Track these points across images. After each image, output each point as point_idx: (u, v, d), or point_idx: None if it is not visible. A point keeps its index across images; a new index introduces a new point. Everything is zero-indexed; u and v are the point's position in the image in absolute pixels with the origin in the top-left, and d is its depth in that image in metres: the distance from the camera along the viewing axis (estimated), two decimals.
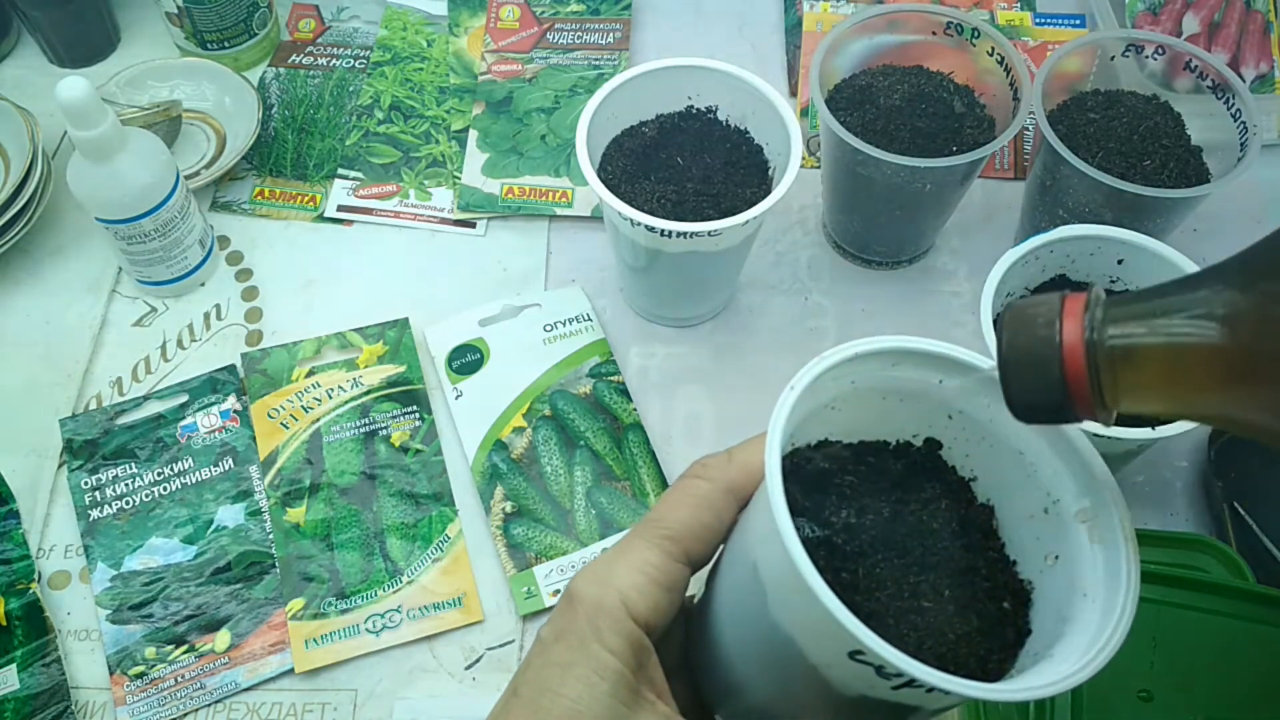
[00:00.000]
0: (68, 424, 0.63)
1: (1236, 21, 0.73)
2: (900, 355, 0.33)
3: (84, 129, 0.59)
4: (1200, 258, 0.54)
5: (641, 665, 0.32)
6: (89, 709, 0.55)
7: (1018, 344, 0.28)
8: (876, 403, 0.34)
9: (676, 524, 0.33)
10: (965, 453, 0.34)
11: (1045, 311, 0.28)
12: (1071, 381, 0.27)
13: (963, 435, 0.34)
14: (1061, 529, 0.31)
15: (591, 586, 0.32)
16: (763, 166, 0.62)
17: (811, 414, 0.33)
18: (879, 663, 0.26)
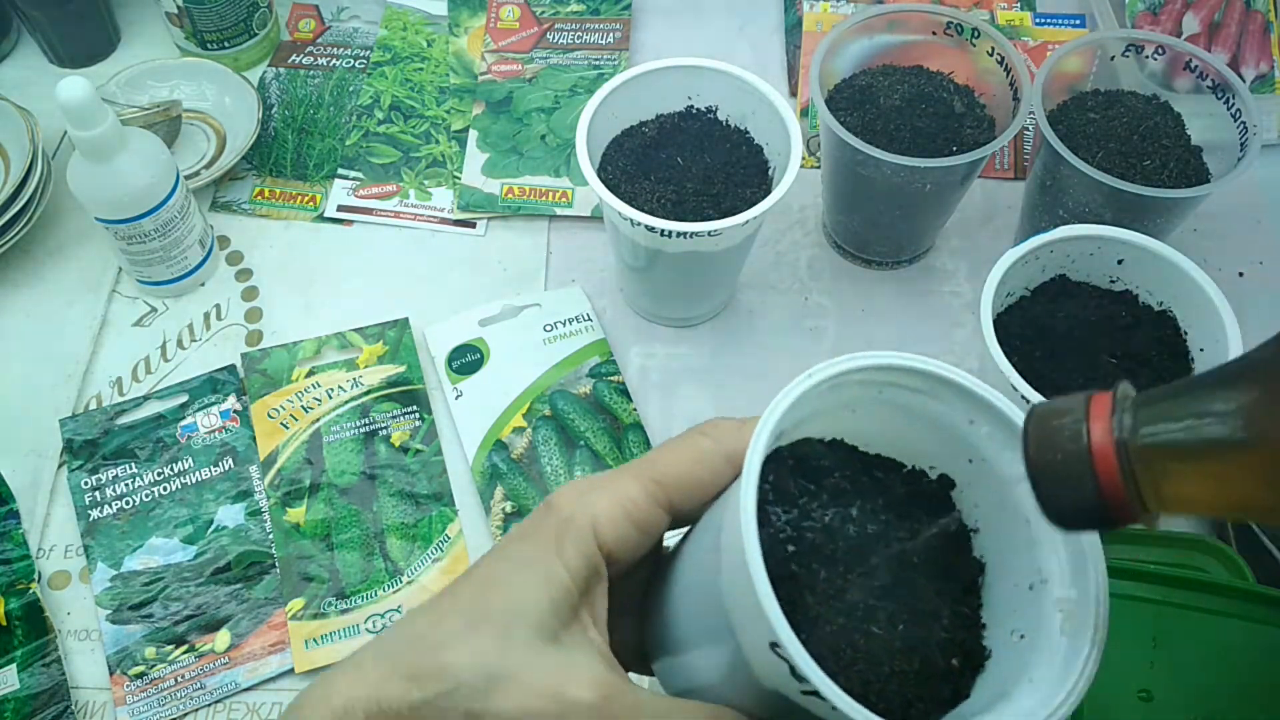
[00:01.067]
0: (68, 424, 0.63)
1: (1236, 21, 0.73)
2: (938, 383, 0.32)
3: (84, 129, 0.59)
4: (1200, 258, 0.54)
5: (589, 589, 0.32)
6: (89, 709, 0.55)
7: (1045, 460, 0.27)
8: (901, 422, 0.33)
9: (668, 471, 0.33)
10: (975, 502, 0.33)
11: (1071, 421, 0.27)
12: (1107, 490, 0.26)
13: (979, 483, 0.33)
14: (1038, 610, 0.31)
15: (569, 501, 0.32)
16: (763, 166, 0.62)
17: (828, 410, 0.32)
18: (790, 662, 0.26)
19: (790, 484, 0.32)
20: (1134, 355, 0.54)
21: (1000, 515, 0.32)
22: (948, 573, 0.32)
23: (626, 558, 0.32)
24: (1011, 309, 0.56)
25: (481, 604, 0.31)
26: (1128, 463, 0.26)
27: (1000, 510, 0.32)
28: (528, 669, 0.30)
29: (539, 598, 0.31)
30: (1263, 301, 0.67)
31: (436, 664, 0.30)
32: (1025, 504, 0.31)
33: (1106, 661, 0.49)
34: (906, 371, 0.31)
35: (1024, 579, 0.31)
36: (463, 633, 0.31)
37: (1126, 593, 0.52)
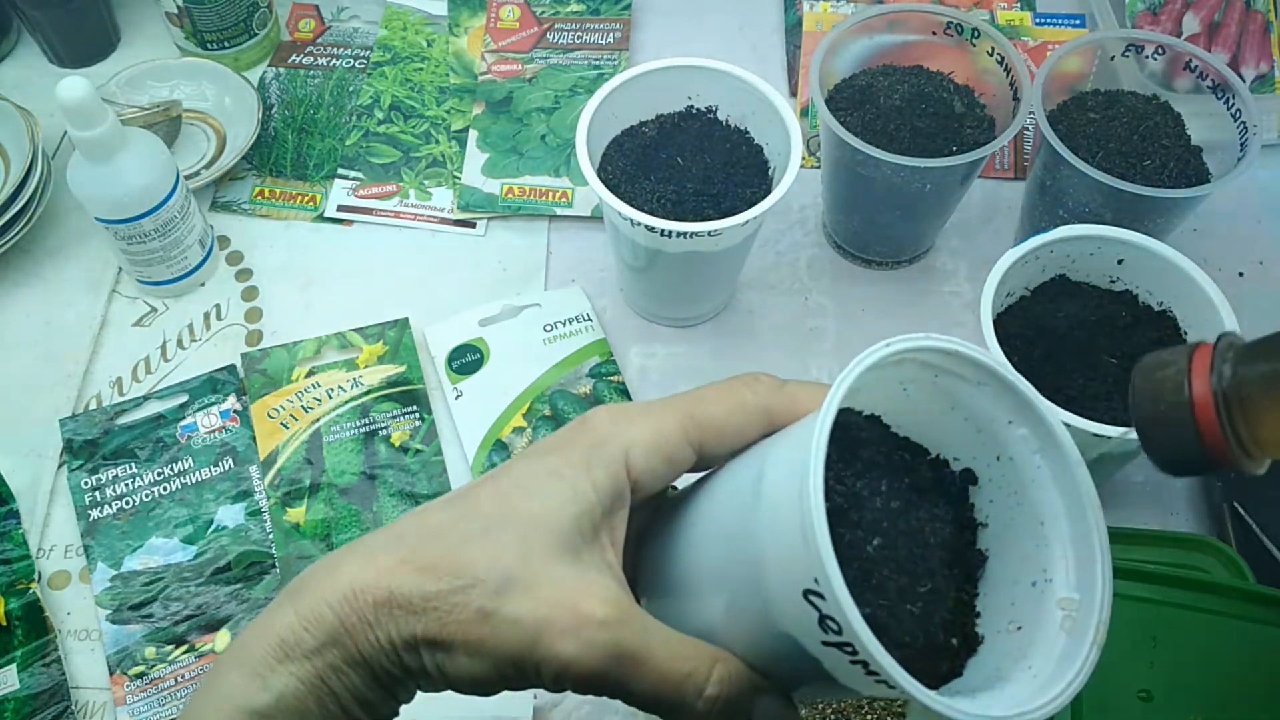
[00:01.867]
0: (68, 424, 0.63)
1: (1236, 21, 0.74)
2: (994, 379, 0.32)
3: (84, 129, 0.59)
4: (1200, 258, 0.54)
5: (612, 512, 0.32)
6: (89, 709, 0.55)
7: (1150, 410, 0.28)
8: (942, 409, 0.33)
9: (707, 412, 0.33)
10: (991, 498, 0.34)
11: (1174, 373, 0.28)
12: (1208, 437, 0.27)
13: (1001, 481, 0.34)
14: (1039, 607, 0.31)
15: (606, 422, 0.33)
16: (763, 166, 0.62)
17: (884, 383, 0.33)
18: (831, 613, 0.26)
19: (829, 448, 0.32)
20: (1134, 355, 0.54)
21: (1015, 514, 0.33)
22: (954, 559, 0.33)
23: (648, 488, 0.33)
24: (1011, 309, 0.56)
25: (504, 507, 0.32)
26: (1226, 411, 0.27)
27: (1016, 509, 0.33)
28: (545, 578, 0.30)
29: (564, 511, 0.31)
30: (1263, 301, 0.67)
31: (454, 560, 0.31)
32: (1041, 505, 0.32)
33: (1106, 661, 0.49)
34: (970, 362, 0.32)
35: (1027, 576, 0.32)
36: (483, 533, 0.31)
37: (1126, 593, 0.52)
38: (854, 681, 0.28)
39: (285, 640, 0.31)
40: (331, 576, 0.32)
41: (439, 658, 0.31)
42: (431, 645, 0.31)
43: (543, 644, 0.29)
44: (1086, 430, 0.49)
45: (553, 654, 0.29)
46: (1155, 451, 0.28)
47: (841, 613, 0.26)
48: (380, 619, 0.31)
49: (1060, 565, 0.31)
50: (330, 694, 0.31)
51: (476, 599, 0.30)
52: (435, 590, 0.30)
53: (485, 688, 0.31)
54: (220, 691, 0.31)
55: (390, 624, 0.31)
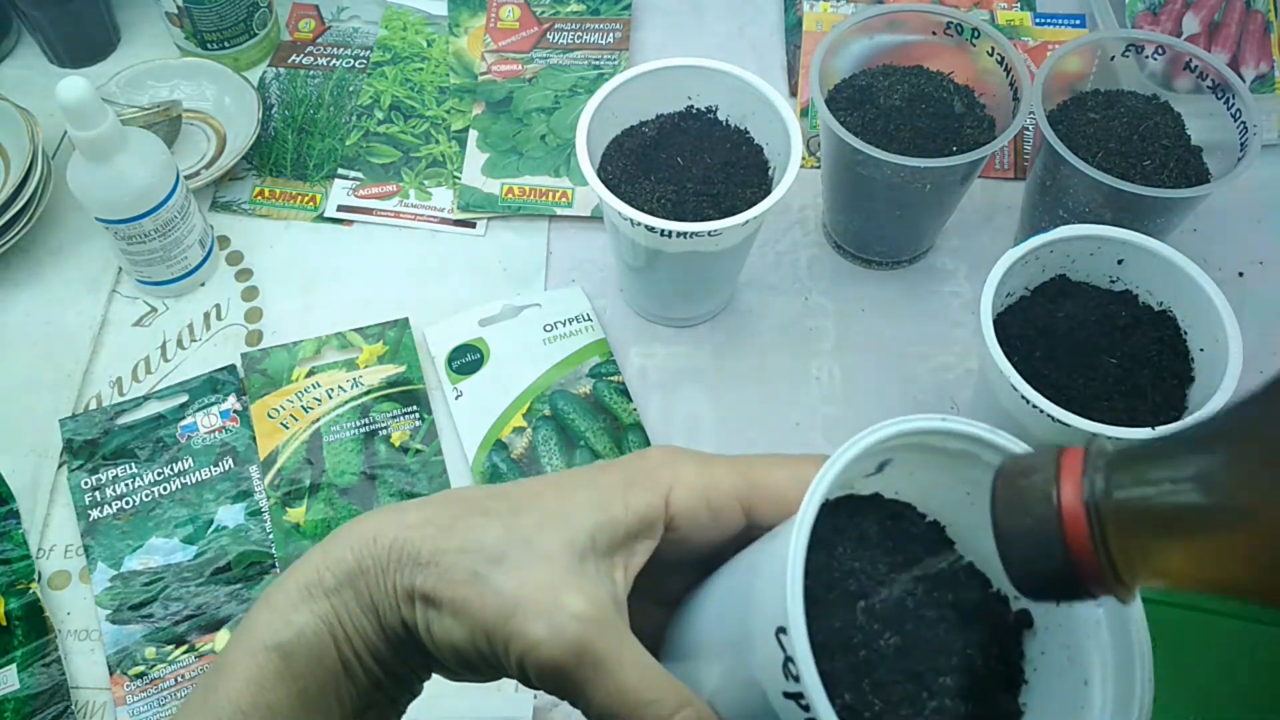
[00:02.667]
0: (68, 424, 0.63)
1: (1236, 21, 0.73)
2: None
3: (84, 129, 0.59)
4: (1200, 258, 0.54)
5: (637, 537, 0.32)
6: (89, 709, 0.55)
7: (1012, 522, 0.25)
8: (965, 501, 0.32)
9: (762, 475, 0.33)
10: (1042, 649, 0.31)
11: (1041, 480, 0.24)
12: (1077, 556, 0.24)
13: (1057, 631, 0.31)
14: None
15: (661, 457, 0.33)
16: (763, 166, 0.62)
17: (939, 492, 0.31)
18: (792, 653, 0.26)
19: (873, 529, 0.31)
20: (1134, 355, 0.54)
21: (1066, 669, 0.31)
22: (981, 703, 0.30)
23: (690, 535, 0.33)
24: (1011, 309, 0.56)
25: (535, 498, 0.33)
26: (1099, 528, 0.23)
27: (1068, 664, 0.30)
28: (541, 563, 0.31)
29: (585, 515, 0.32)
30: (1263, 301, 0.67)
31: (468, 526, 0.32)
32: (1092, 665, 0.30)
33: None
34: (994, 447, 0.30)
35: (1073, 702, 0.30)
36: (504, 512, 0.32)
37: None
38: None
39: (309, 580, 0.33)
40: (358, 525, 0.33)
41: (430, 615, 0.31)
42: (426, 600, 0.31)
43: (515, 619, 0.30)
44: (1087, 430, 0.49)
45: (521, 631, 0.30)
46: (1016, 568, 0.25)
47: (796, 650, 0.25)
48: (391, 566, 0.32)
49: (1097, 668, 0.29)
50: (345, 637, 0.32)
51: (474, 562, 0.31)
52: (442, 547, 0.31)
53: (463, 661, 0.32)
54: (248, 629, 0.33)
55: (398, 572, 0.32)
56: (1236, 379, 0.50)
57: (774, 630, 0.27)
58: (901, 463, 0.31)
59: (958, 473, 0.31)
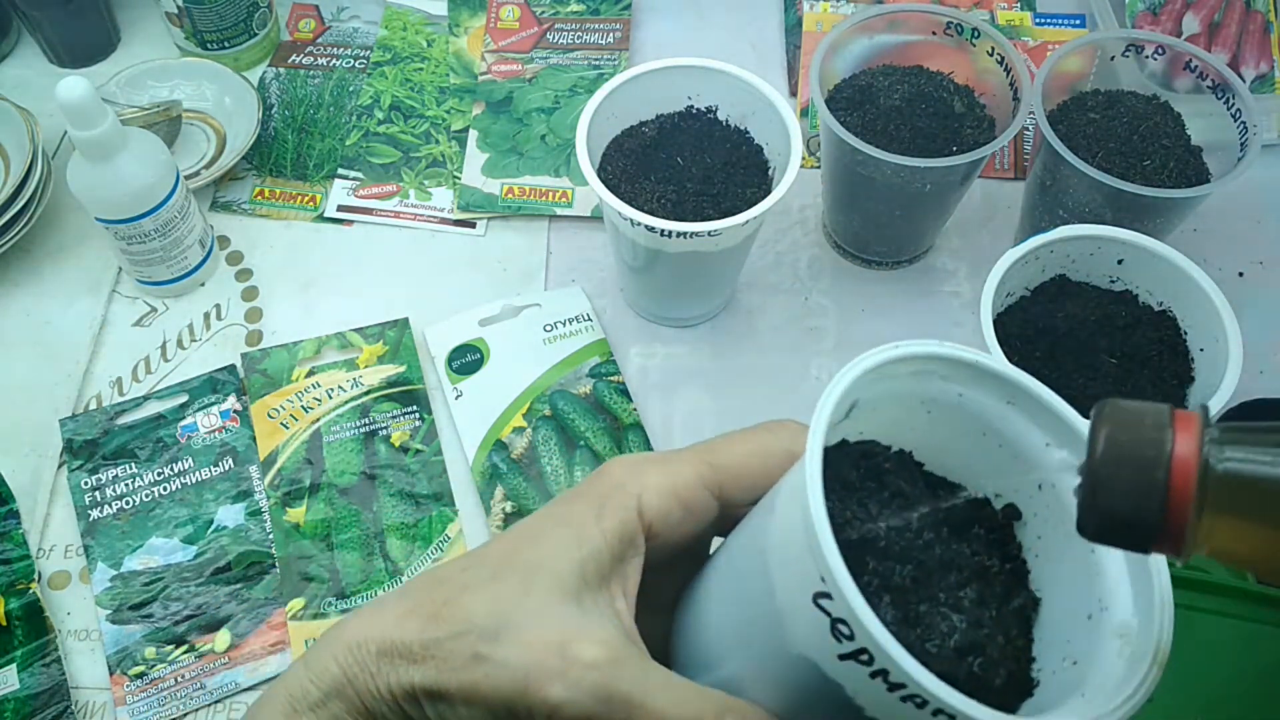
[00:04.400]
0: (68, 424, 0.63)
1: (1236, 21, 0.74)
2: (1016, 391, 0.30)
3: (84, 129, 0.59)
4: (1200, 258, 0.54)
5: (624, 558, 0.31)
6: (89, 709, 0.55)
7: (1121, 441, 0.24)
8: (973, 438, 0.32)
9: (725, 457, 0.32)
10: (1039, 533, 0.32)
11: (1154, 415, 0.25)
12: (1173, 507, 0.24)
13: (1046, 513, 0.31)
14: (1096, 639, 0.29)
15: (620, 469, 0.32)
16: (763, 166, 0.62)
17: (902, 402, 0.31)
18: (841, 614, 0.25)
19: (852, 474, 0.31)
20: (1134, 355, 0.54)
21: (1065, 546, 0.31)
22: (1003, 600, 0.31)
23: (668, 535, 0.32)
24: (1011, 309, 0.56)
25: (510, 555, 0.31)
26: (1203, 489, 0.24)
27: (1065, 541, 0.31)
28: (539, 621, 0.30)
29: (567, 555, 0.31)
30: (1263, 301, 0.67)
31: (455, 606, 0.30)
32: None
33: None
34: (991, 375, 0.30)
35: (1082, 609, 0.30)
36: (486, 580, 0.31)
37: None
38: (883, 709, 0.27)
39: (294, 694, 0.31)
40: (339, 631, 0.32)
41: (440, 708, 0.30)
42: (431, 695, 0.30)
43: (532, 688, 0.29)
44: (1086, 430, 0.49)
45: (540, 698, 0.29)
46: (1100, 508, 0.25)
47: (848, 605, 0.25)
48: (381, 668, 0.30)
49: (1116, 592, 0.29)
50: None
51: (471, 644, 0.30)
52: (434, 637, 0.30)
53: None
54: None
55: (391, 673, 0.30)
56: (1236, 379, 0.50)
57: (810, 598, 0.26)
58: (864, 400, 0.31)
59: (916, 394, 0.31)
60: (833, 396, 0.28)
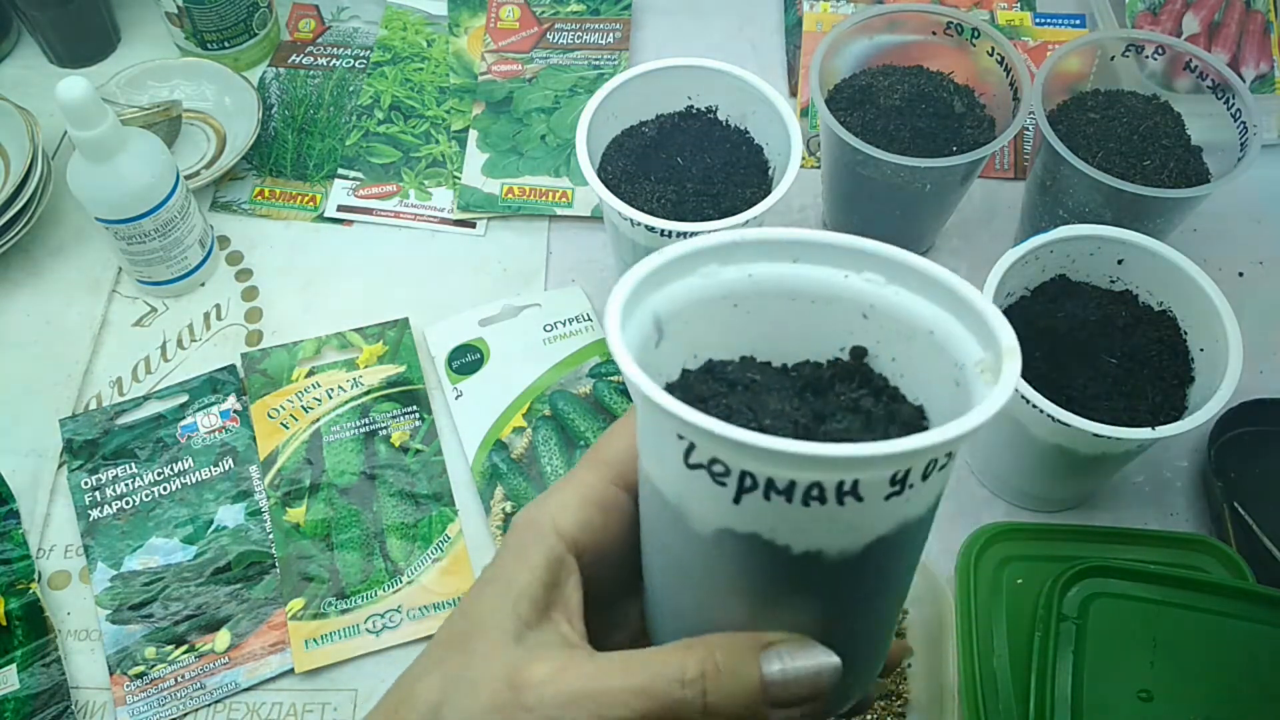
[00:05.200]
0: (68, 424, 0.63)
1: (1236, 21, 0.74)
2: (795, 247, 0.31)
3: (84, 129, 0.59)
4: (1200, 258, 0.54)
5: (558, 584, 0.32)
6: (89, 709, 0.55)
7: None
8: (787, 305, 0.32)
9: (612, 449, 0.33)
10: (891, 355, 0.32)
11: None
12: None
13: (882, 334, 0.32)
14: (968, 394, 0.30)
15: (528, 511, 0.33)
16: (763, 166, 0.62)
17: (720, 318, 0.32)
18: (685, 433, 0.25)
19: (702, 389, 0.31)
20: (1134, 355, 0.54)
21: (912, 349, 0.31)
22: (889, 422, 0.31)
23: (595, 541, 0.32)
24: (1011, 309, 0.57)
25: (452, 631, 0.32)
26: None
27: (909, 345, 0.31)
28: (486, 673, 0.30)
29: (500, 607, 0.31)
30: (1263, 301, 0.67)
31: (408, 698, 0.31)
32: (922, 318, 0.31)
33: (1106, 661, 0.49)
34: (763, 243, 0.31)
35: (949, 381, 0.30)
36: (434, 664, 0.31)
37: (1126, 593, 0.52)
38: (772, 521, 0.26)
39: None
40: None
41: None
42: None
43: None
44: (1087, 430, 0.49)
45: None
46: None
47: (678, 418, 0.24)
48: None
49: (963, 347, 0.30)
50: None
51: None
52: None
53: None
54: None
55: None
56: (1236, 379, 0.50)
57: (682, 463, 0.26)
58: (667, 315, 0.31)
59: (714, 292, 0.31)
60: (616, 301, 0.28)
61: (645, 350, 0.29)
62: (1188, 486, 0.62)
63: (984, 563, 0.54)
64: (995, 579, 0.54)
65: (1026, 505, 0.61)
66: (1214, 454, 0.60)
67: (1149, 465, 0.62)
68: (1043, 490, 0.59)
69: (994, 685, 0.51)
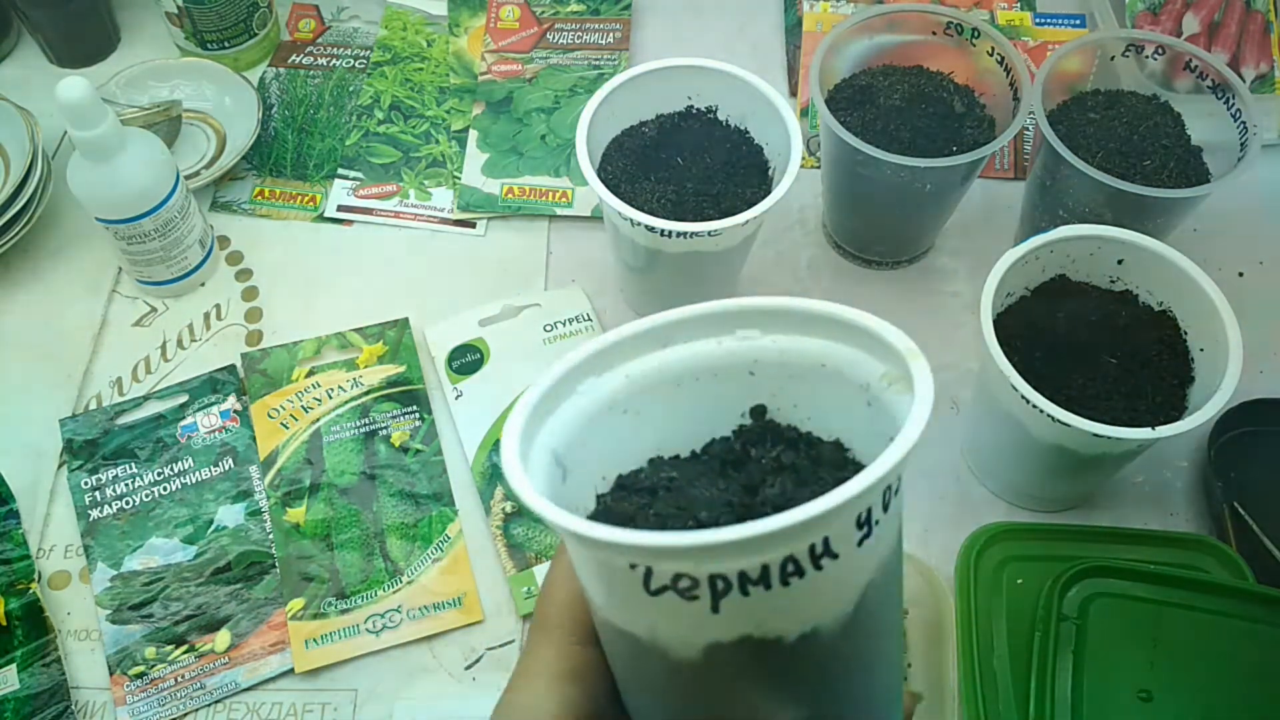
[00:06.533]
0: (68, 424, 0.63)
1: (1236, 21, 0.74)
2: (661, 332, 0.30)
3: (84, 129, 0.59)
4: (1200, 258, 0.54)
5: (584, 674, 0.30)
6: (89, 709, 0.55)
7: None
8: (674, 391, 0.31)
9: (556, 609, 0.31)
10: (793, 403, 0.32)
11: None
12: None
13: (774, 385, 0.31)
14: (884, 410, 0.29)
15: (503, 715, 0.31)
16: (763, 166, 0.62)
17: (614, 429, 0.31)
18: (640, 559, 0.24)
19: (624, 505, 0.30)
20: (1134, 355, 0.54)
21: (807, 388, 0.31)
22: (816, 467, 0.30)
23: (587, 713, 0.31)
24: (1011, 309, 0.56)
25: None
26: None
27: (803, 384, 0.31)
28: None
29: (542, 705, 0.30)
30: (1263, 301, 0.67)
31: None
32: (809, 354, 0.30)
33: (1106, 661, 0.49)
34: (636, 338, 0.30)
35: (861, 405, 0.30)
36: None
37: (1126, 593, 0.52)
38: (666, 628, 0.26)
39: None
40: None
41: None
42: None
43: None
44: (1087, 430, 0.49)
45: None
46: None
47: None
48: None
49: (862, 368, 0.29)
50: None
51: None
52: None
53: None
54: None
55: None
56: (1236, 379, 0.50)
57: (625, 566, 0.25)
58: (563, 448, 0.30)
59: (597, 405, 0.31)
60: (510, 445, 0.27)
61: (555, 490, 0.28)
62: (1188, 486, 0.62)
63: (984, 563, 0.54)
64: (995, 579, 0.54)
65: (1026, 505, 0.61)
66: (1214, 454, 0.60)
67: (1149, 465, 0.62)
68: (1043, 490, 0.60)
69: (994, 685, 0.51)
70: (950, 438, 0.63)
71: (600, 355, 0.30)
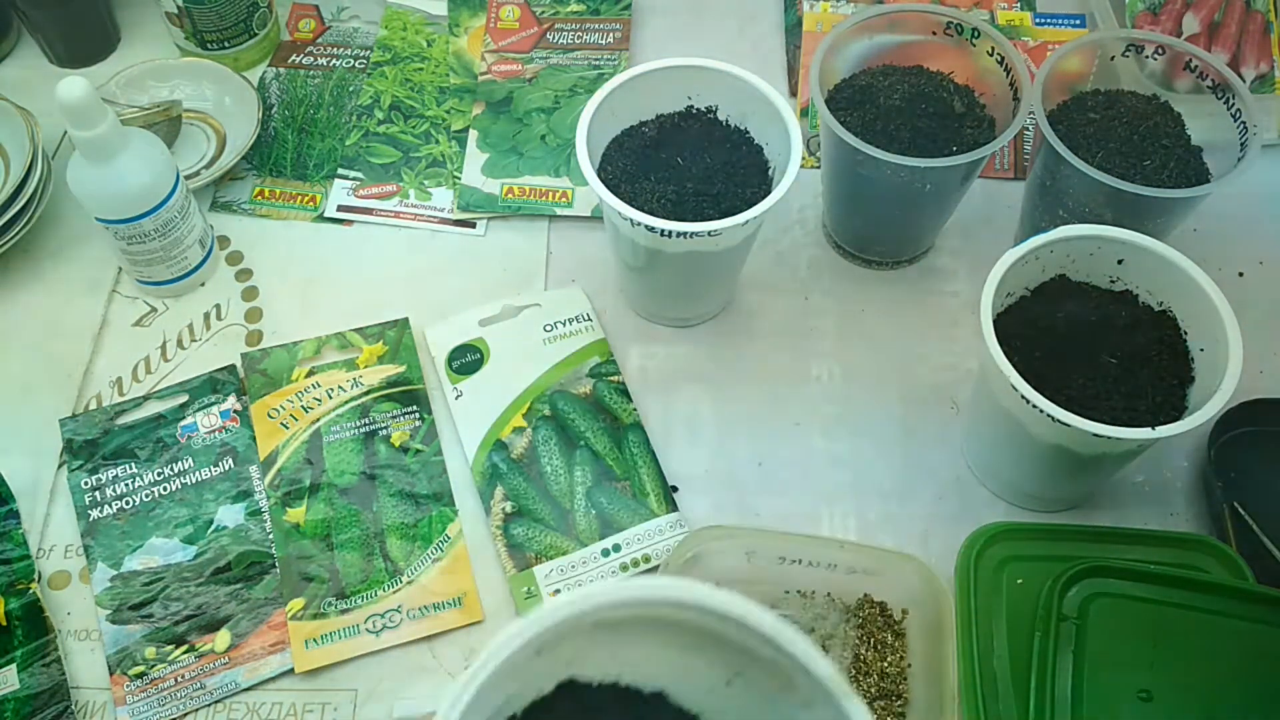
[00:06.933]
0: (68, 424, 0.63)
1: (1236, 21, 0.74)
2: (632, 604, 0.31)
3: (84, 129, 0.59)
4: (1200, 258, 0.54)
5: None
6: (89, 709, 0.55)
7: None
8: (675, 645, 0.32)
9: None
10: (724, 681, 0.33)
11: None
12: None
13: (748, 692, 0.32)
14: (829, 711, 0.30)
15: None
16: (763, 166, 0.62)
17: (592, 639, 0.31)
18: None
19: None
20: (1134, 355, 0.54)
21: (755, 697, 0.32)
22: None
23: None
24: (1011, 309, 0.57)
25: None
26: None
27: (751, 691, 0.32)
28: None
29: None
30: (1263, 301, 0.67)
31: None
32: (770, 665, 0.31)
33: (1106, 661, 0.49)
34: (573, 618, 0.30)
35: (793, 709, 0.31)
36: None
37: (1126, 593, 0.52)
38: None
39: None
40: None
41: None
42: None
43: None
44: (1087, 430, 0.49)
45: None
46: None
47: None
48: None
49: (804, 685, 0.30)
50: None
51: None
52: None
53: None
54: None
55: None
56: (1236, 379, 0.50)
57: None
58: None
59: (543, 678, 0.32)
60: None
61: None
62: (1188, 486, 0.62)
63: (984, 563, 0.54)
64: (995, 579, 0.54)
65: (1026, 505, 0.61)
66: (1214, 454, 0.60)
67: (1149, 465, 0.62)
68: (1043, 490, 0.60)
69: (994, 685, 0.51)
70: (950, 438, 0.63)
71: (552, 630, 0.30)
